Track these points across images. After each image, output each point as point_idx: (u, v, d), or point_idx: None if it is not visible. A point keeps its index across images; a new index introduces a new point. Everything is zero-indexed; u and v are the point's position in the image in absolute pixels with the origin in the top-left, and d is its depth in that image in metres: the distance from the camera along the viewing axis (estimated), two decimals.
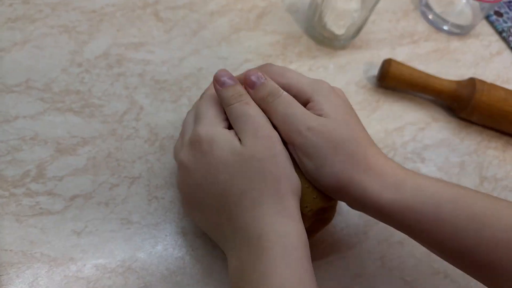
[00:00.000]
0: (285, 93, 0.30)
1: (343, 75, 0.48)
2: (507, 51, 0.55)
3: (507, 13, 0.59)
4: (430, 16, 0.55)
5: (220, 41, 0.47)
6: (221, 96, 0.30)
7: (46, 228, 0.33)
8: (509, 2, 0.61)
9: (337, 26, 0.47)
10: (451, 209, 0.27)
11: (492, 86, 0.45)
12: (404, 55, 0.51)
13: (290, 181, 0.28)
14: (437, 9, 0.55)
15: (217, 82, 0.30)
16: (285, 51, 0.48)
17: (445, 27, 0.55)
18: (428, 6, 0.55)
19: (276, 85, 0.30)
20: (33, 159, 0.36)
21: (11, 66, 0.40)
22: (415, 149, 0.44)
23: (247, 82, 0.31)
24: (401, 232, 0.29)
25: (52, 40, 0.42)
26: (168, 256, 0.33)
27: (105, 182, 0.36)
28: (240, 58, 0.46)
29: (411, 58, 0.51)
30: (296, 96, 0.30)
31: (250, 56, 0.46)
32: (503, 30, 0.56)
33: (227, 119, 0.30)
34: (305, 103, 0.30)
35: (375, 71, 0.48)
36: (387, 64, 0.46)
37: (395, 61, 0.46)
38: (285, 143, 0.29)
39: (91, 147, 0.37)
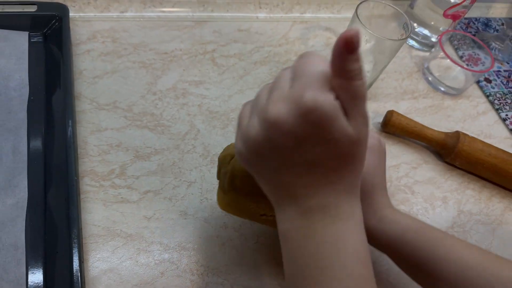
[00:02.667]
0: None
1: None
2: (492, 112, 0.67)
3: (495, 80, 0.71)
4: (430, 78, 0.68)
5: (260, 84, 0.59)
6: (348, 67, 0.25)
7: (125, 212, 0.45)
8: (498, 71, 0.73)
9: None
10: (412, 234, 0.38)
11: (473, 139, 0.56)
12: (405, 107, 0.63)
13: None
14: (436, 73, 0.68)
15: (347, 44, 0.24)
16: None
17: (442, 88, 0.67)
18: (428, 69, 0.68)
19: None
20: (117, 161, 0.48)
21: (103, 90, 0.53)
22: (407, 183, 0.55)
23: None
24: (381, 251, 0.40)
25: (134, 72, 0.55)
26: (212, 241, 0.45)
27: (169, 183, 0.47)
28: None
29: (411, 110, 0.63)
30: None
31: None
32: (490, 94, 0.68)
33: None
34: None
35: (380, 119, 0.60)
36: (389, 114, 0.58)
37: (396, 112, 0.58)
38: None
39: (161, 156, 0.49)
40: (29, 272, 0.39)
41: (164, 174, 0.48)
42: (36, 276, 0.39)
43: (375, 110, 0.62)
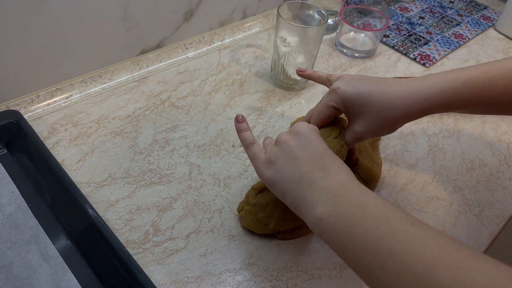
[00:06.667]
0: None
1: (312, 104, 0.67)
2: (403, 57, 0.79)
3: (391, 33, 0.85)
4: (345, 51, 0.78)
5: (224, 107, 0.63)
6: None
7: (180, 260, 0.45)
8: (389, 27, 0.87)
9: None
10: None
11: (409, 77, 0.67)
12: None
13: None
14: (347, 45, 0.79)
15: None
16: (269, 101, 0.66)
17: (357, 54, 0.78)
18: (341, 44, 0.79)
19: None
20: (146, 222, 0.48)
21: (92, 169, 0.52)
22: None
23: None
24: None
25: (111, 143, 0.56)
26: (268, 248, 0.47)
27: (203, 218, 0.49)
28: (243, 114, 0.63)
29: None
30: None
31: (249, 111, 0.64)
32: (394, 45, 0.81)
33: None
34: None
35: None
36: None
37: None
38: None
39: (181, 201, 0.50)
40: None
41: (194, 213, 0.49)
42: None
43: (323, 90, 0.70)
